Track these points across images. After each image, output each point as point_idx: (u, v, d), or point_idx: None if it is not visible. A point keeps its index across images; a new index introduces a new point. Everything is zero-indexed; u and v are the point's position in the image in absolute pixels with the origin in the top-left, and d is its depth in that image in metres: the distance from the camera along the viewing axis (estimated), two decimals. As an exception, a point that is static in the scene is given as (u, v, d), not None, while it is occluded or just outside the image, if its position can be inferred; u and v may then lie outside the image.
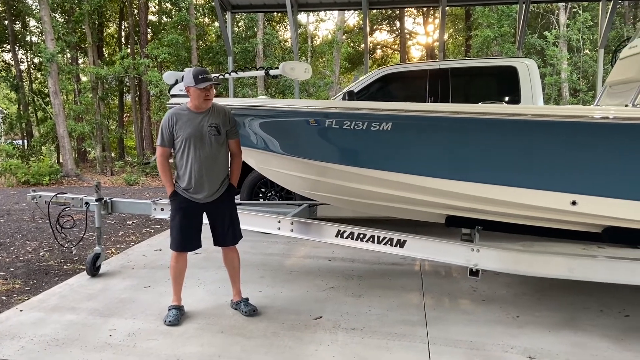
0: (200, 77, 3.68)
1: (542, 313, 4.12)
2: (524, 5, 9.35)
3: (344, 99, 6.73)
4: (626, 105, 3.53)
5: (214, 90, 3.84)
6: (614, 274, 3.67)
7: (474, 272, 3.85)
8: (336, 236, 4.33)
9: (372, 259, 5.59)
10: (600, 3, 9.63)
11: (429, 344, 3.56)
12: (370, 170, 4.06)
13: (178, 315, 3.92)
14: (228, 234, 4.00)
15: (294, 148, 4.43)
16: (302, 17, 22.85)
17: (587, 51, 17.70)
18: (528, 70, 6.81)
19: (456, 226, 4.43)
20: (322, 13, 23.87)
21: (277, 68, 4.19)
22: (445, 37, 25.33)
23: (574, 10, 17.57)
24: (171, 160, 3.98)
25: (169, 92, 5.04)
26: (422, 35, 30.23)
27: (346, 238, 4.29)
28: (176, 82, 4.88)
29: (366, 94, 7.10)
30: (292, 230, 4.56)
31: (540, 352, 3.43)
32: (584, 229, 3.93)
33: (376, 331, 3.76)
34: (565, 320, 4.00)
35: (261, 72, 4.40)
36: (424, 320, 3.98)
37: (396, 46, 31.09)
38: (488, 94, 7.39)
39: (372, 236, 4.18)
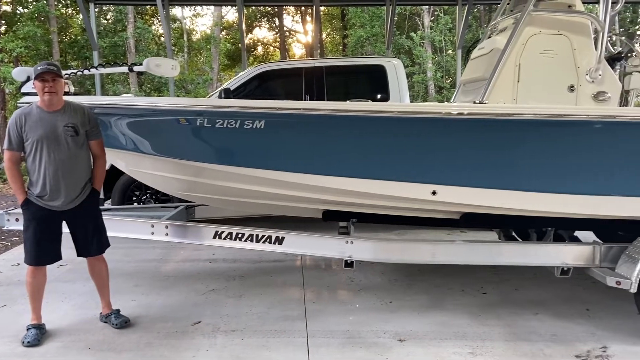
0: (39, 68, 3.38)
1: (412, 297, 4.41)
2: (391, 7, 9.89)
3: (220, 96, 6.62)
4: (474, 102, 3.87)
5: (63, 86, 3.52)
6: (472, 256, 4.03)
7: (349, 264, 4.01)
8: (214, 237, 4.25)
9: (254, 257, 5.56)
10: (457, 7, 10.49)
11: (308, 337, 3.62)
12: (245, 169, 4.01)
13: (38, 335, 3.57)
14: (92, 243, 3.72)
15: (165, 148, 4.24)
16: (177, 11, 22.01)
17: (449, 51, 19.21)
18: (395, 69, 7.21)
19: (333, 220, 4.56)
20: (199, 8, 23.17)
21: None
22: (324, 35, 25.99)
23: (436, 13, 18.99)
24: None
25: (20, 90, 4.55)
26: (302, 34, 30.70)
27: (224, 239, 4.23)
28: (28, 79, 4.42)
29: (243, 91, 7.03)
30: (167, 235, 4.38)
31: (410, 334, 3.66)
32: (445, 216, 4.23)
33: (256, 330, 3.75)
34: (432, 302, 4.31)
35: (125, 68, 4.15)
36: (304, 314, 4.05)
37: (277, 44, 31.23)
38: (361, 92, 7.72)
39: (251, 235, 4.16)
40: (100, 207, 3.99)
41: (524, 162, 3.74)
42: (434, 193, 3.81)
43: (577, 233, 4.44)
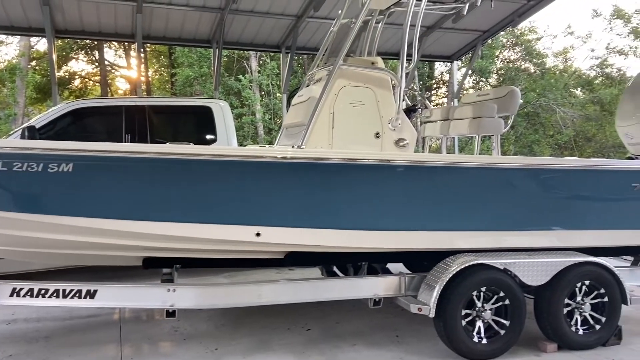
0: None
1: (238, 341, 4.35)
2: (217, 50, 10.05)
3: (22, 135, 5.92)
4: (293, 146, 4.07)
5: None
6: (297, 293, 4.18)
7: (171, 313, 3.83)
8: (11, 295, 3.73)
9: (63, 314, 4.97)
10: (281, 54, 11.09)
11: (123, 399, 3.33)
12: (50, 217, 3.62)
13: None
14: None
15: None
16: (-27, 36, 19.32)
17: (278, 94, 20.05)
18: (222, 110, 7.27)
19: (154, 267, 4.32)
20: (2, 35, 20.64)
21: None
22: (150, 72, 25.12)
23: (263, 58, 19.77)
24: None
25: None
26: (126, 68, 29.21)
27: (24, 296, 3.74)
28: None
29: (52, 130, 6.40)
30: (-54, 296, 3.70)
31: (235, 381, 3.60)
32: (270, 256, 4.31)
33: (61, 399, 3.32)
34: (258, 343, 4.31)
35: None
36: (119, 373, 3.72)
37: (98, 78, 29.18)
38: (187, 133, 7.62)
39: (57, 290, 3.75)
40: None
41: (339, 203, 4.02)
42: (258, 234, 3.87)
43: (390, 265, 4.88)
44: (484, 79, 21.11)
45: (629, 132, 5.05)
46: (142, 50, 10.41)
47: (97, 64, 28.44)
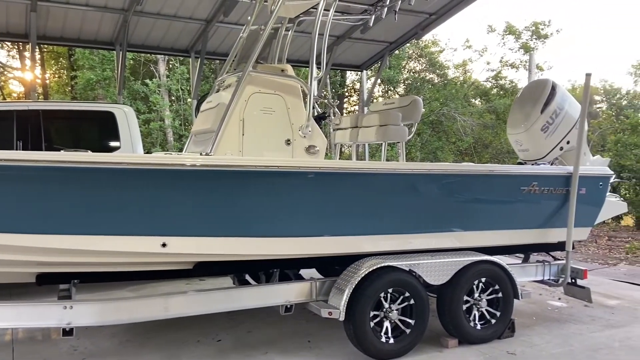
0: None
1: (145, 357, 4.17)
2: (121, 53, 9.57)
3: None
4: (201, 154, 3.97)
5: None
6: (207, 304, 4.06)
7: (68, 332, 3.59)
8: None
9: (-58, 340, 4.48)
10: (191, 59, 10.79)
11: None
12: None
13: None
14: None
15: None
16: None
17: (188, 100, 19.47)
18: (126, 116, 6.96)
19: (50, 283, 4.02)
20: None
21: None
22: (48, 75, 23.43)
23: (172, 62, 19.14)
24: None
25: None
26: (20, 70, 26.97)
27: None
28: None
29: None
30: None
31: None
32: (178, 267, 4.17)
33: None
34: (166, 359, 4.14)
35: None
36: (9, 401, 3.41)
37: (-14, 79, 26.67)
38: (88, 139, 7.22)
39: (-64, 313, 3.36)
40: None
41: (250, 210, 3.98)
42: (164, 245, 3.73)
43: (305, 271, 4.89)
44: (392, 88, 21.95)
45: (518, 139, 5.47)
46: (37, 51, 9.64)
47: (-15, 64, 26.03)
